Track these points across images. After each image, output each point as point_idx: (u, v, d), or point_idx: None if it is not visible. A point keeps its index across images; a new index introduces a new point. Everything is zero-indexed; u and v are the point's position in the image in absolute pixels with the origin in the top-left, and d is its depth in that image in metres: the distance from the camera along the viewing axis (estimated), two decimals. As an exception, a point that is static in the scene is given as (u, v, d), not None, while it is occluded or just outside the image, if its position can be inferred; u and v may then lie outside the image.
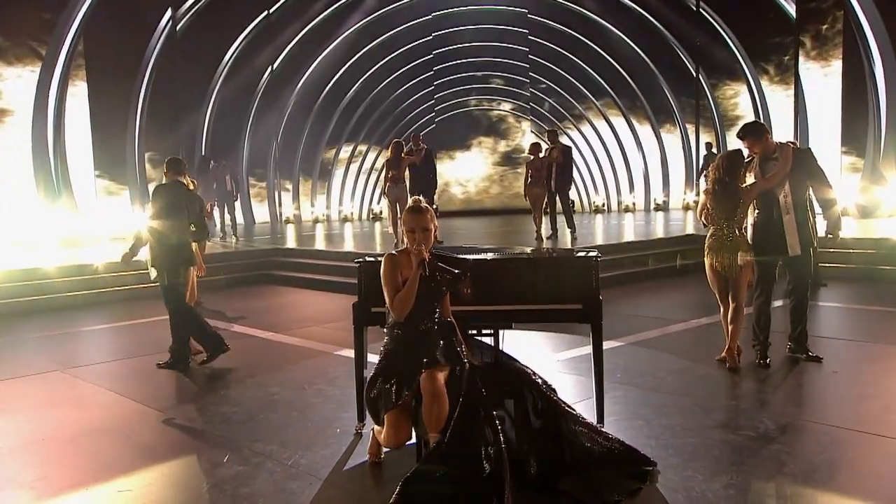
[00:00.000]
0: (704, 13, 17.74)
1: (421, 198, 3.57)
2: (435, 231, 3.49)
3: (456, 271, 3.48)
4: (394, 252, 3.50)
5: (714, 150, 16.69)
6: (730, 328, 5.34)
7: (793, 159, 5.26)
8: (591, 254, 4.06)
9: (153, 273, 5.88)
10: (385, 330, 3.50)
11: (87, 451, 4.11)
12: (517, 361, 3.72)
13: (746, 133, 5.37)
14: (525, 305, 3.97)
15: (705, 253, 5.41)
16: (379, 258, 3.68)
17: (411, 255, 3.36)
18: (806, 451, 3.77)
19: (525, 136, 20.64)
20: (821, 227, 5.65)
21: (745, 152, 5.40)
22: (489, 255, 4.17)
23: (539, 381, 3.53)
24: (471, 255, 4.11)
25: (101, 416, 4.77)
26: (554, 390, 3.59)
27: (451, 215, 19.88)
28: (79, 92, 14.85)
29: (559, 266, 4.17)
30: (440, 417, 3.13)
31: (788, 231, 5.24)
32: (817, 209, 5.71)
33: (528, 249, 5.15)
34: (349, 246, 12.52)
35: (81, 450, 4.13)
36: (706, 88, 18.36)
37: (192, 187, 6.65)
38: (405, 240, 3.46)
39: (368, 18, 18.95)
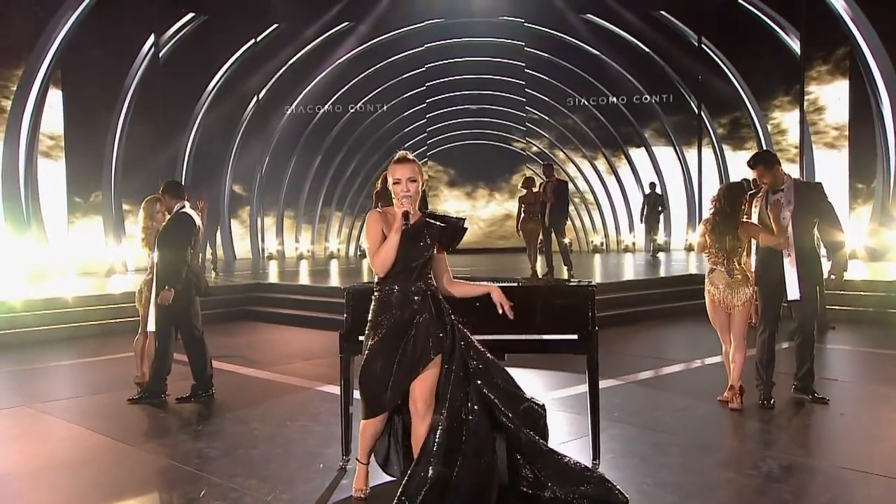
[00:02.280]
0: (706, 49, 18.24)
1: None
2: (423, 186, 3.44)
3: (442, 225, 3.43)
4: (379, 209, 3.50)
5: (657, 190, 17.02)
6: (732, 367, 5.42)
7: (801, 194, 5.37)
8: (587, 283, 4.16)
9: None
10: (374, 295, 3.45)
11: (53, 485, 4.12)
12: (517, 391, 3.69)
13: (757, 162, 5.47)
14: (519, 335, 4.06)
15: (706, 288, 5.51)
16: (367, 283, 3.76)
17: (395, 207, 3.34)
18: (812, 491, 3.82)
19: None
20: (825, 266, 5.71)
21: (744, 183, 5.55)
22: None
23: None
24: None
25: (69, 450, 4.78)
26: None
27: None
28: (54, 118, 15.00)
29: (554, 296, 4.25)
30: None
31: (787, 273, 5.30)
32: (822, 251, 5.77)
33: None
34: (334, 281, 12.58)
35: (48, 485, 4.14)
36: (709, 125, 18.76)
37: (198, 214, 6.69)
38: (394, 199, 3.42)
39: (358, 49, 19.37)
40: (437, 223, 3.44)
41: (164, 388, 5.93)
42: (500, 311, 3.47)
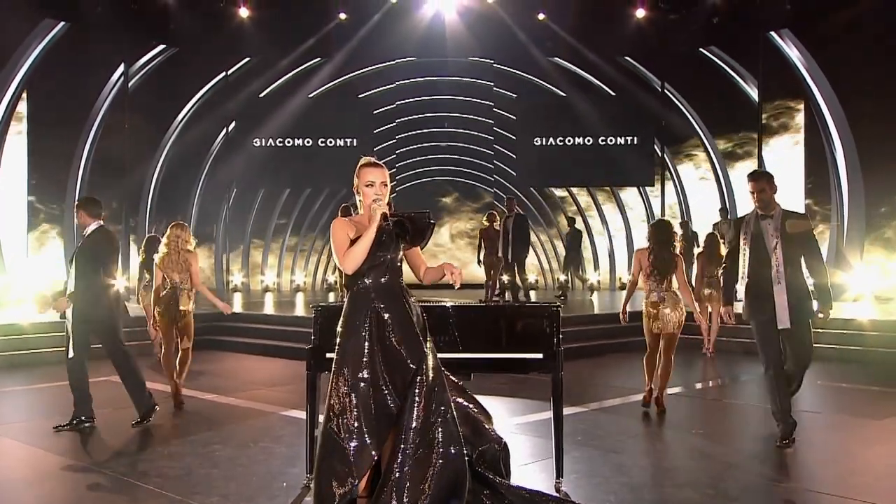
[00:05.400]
0: (669, 93, 18.80)
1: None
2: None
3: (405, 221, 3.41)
4: (346, 218, 3.51)
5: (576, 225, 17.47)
6: (660, 379, 6.06)
7: (788, 223, 5.26)
8: (552, 304, 4.25)
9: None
10: (346, 298, 3.45)
11: (6, 501, 4.02)
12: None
13: (761, 176, 5.50)
14: (485, 354, 4.13)
15: (644, 312, 6.09)
16: (334, 303, 3.79)
17: (370, 209, 3.34)
18: (767, 509, 3.91)
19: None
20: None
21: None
22: (448, 304, 4.32)
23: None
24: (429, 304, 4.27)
25: (23, 469, 4.68)
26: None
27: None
28: (17, 146, 14.80)
29: (520, 316, 4.33)
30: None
31: (778, 303, 5.13)
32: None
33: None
34: (299, 312, 12.51)
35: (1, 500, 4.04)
36: (671, 168, 19.24)
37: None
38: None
39: (329, 84, 19.56)
40: (403, 221, 3.42)
41: (90, 412, 5.71)
42: (453, 281, 3.42)
